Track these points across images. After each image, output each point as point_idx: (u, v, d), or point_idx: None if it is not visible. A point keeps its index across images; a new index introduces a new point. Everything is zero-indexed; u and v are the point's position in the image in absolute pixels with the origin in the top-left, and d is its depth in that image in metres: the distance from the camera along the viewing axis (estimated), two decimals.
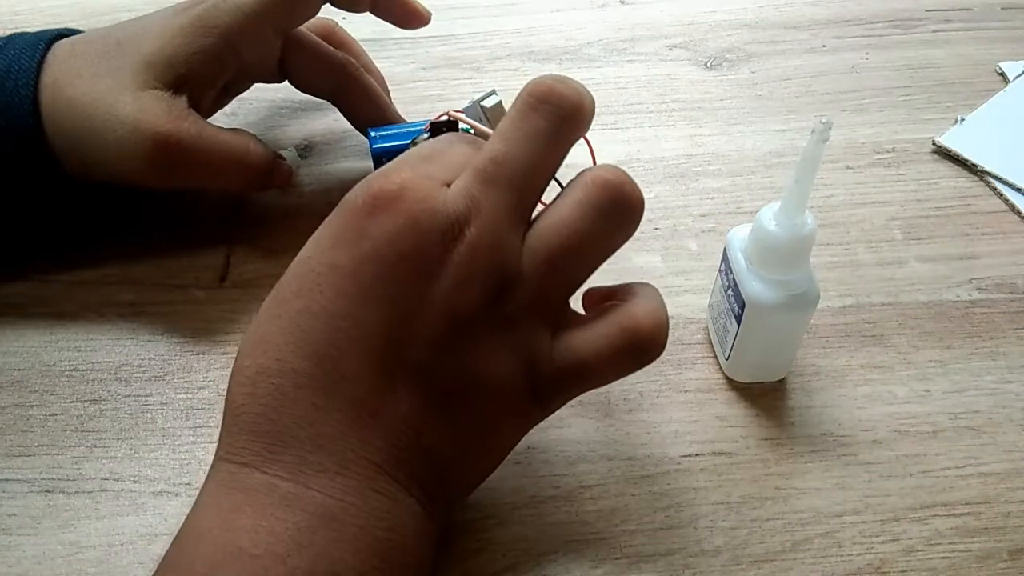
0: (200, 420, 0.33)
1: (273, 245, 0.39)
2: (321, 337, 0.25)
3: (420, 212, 0.25)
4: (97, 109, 0.34)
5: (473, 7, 0.55)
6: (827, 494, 0.31)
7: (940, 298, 0.37)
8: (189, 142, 0.35)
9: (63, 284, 0.38)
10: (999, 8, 0.53)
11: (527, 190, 0.26)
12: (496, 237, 0.25)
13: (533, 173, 0.26)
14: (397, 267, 0.25)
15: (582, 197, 0.26)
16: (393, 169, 0.26)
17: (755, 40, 0.51)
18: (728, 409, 0.33)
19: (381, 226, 0.25)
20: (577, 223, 0.26)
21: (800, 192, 0.28)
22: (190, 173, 0.36)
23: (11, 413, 0.33)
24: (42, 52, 0.35)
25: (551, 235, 0.26)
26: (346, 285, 0.25)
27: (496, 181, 0.26)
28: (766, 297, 0.30)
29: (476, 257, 0.25)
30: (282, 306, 0.25)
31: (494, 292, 0.25)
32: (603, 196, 0.26)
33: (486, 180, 0.26)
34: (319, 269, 0.25)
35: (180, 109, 0.35)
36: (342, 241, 0.25)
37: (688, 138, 0.45)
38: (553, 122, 0.26)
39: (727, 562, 0.29)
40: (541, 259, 0.26)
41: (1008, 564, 0.29)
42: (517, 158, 0.26)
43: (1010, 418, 0.33)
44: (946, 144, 0.43)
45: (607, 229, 0.27)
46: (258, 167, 0.37)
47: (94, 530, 0.30)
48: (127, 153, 0.34)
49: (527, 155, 0.26)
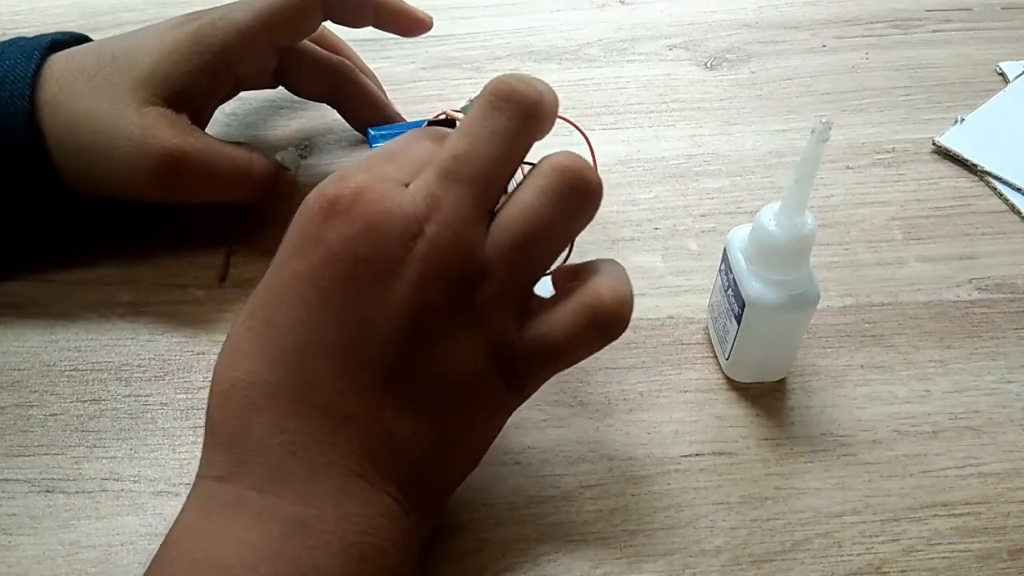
0: (200, 420, 0.33)
1: (273, 245, 0.39)
2: (288, 345, 0.25)
3: (376, 214, 0.25)
4: (102, 126, 0.34)
5: (473, 7, 0.54)
6: (827, 494, 0.31)
7: (940, 298, 0.37)
8: (195, 156, 0.35)
9: (63, 284, 0.38)
10: (999, 8, 0.53)
11: (490, 186, 0.26)
12: (457, 233, 0.25)
13: (495, 169, 0.26)
14: (355, 270, 0.25)
15: (543, 184, 0.26)
16: (349, 172, 0.26)
17: (755, 40, 0.51)
18: (728, 409, 0.33)
19: (337, 231, 0.25)
20: (540, 209, 0.26)
21: (800, 192, 0.28)
22: (196, 187, 0.36)
23: (11, 413, 0.33)
24: (37, 63, 0.35)
25: (514, 223, 0.26)
26: (307, 292, 0.25)
27: (458, 177, 0.25)
28: (766, 297, 0.30)
29: (437, 255, 0.25)
30: (252, 318, 0.26)
31: (458, 288, 0.25)
32: (563, 181, 0.26)
33: (448, 177, 0.25)
34: (283, 278, 0.26)
35: (184, 125, 0.35)
36: (300, 249, 0.26)
37: (688, 138, 0.45)
38: (515, 120, 0.26)
39: (727, 562, 0.29)
40: (506, 248, 0.26)
41: (1008, 564, 0.29)
42: (480, 154, 0.26)
43: (1010, 418, 0.33)
44: (946, 144, 0.43)
45: (568, 213, 0.27)
46: (261, 180, 0.38)
47: (94, 530, 0.30)
48: (134, 169, 0.34)
49: (490, 151, 0.26)
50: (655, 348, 0.35)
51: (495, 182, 0.26)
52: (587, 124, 0.46)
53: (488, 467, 0.31)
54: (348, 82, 0.41)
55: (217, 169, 0.36)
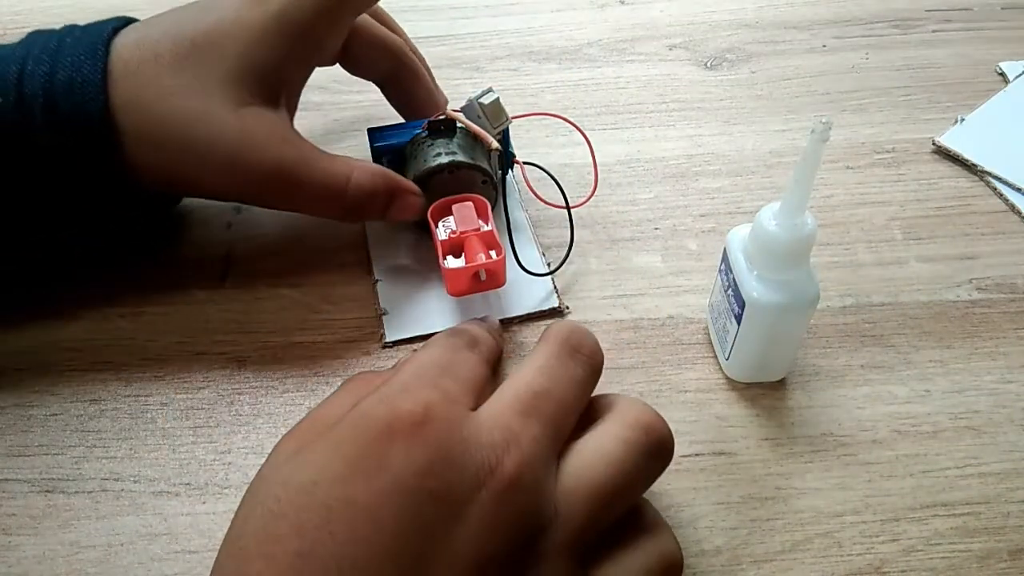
0: (200, 420, 0.33)
1: (273, 245, 0.39)
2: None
3: (451, 443, 0.22)
4: (196, 130, 0.32)
5: (473, 7, 0.55)
6: (827, 494, 0.31)
7: (940, 298, 0.37)
8: (290, 169, 0.33)
9: (63, 284, 0.38)
10: (999, 8, 0.53)
11: (563, 429, 0.25)
12: (534, 475, 0.23)
13: (569, 414, 0.25)
14: (423, 507, 0.21)
15: (628, 437, 0.25)
16: (413, 385, 0.24)
17: (755, 40, 0.51)
18: (728, 409, 0.33)
19: (408, 457, 0.22)
20: (622, 463, 0.24)
21: (800, 192, 0.28)
22: (285, 200, 0.34)
23: (11, 413, 0.33)
24: (103, 59, 0.32)
25: (595, 472, 0.24)
26: (361, 526, 0.21)
27: (537, 415, 0.24)
28: (766, 297, 0.30)
29: (511, 497, 0.22)
30: (276, 544, 0.21)
31: (528, 533, 0.23)
32: (648, 441, 0.25)
33: (527, 413, 0.24)
34: (331, 503, 0.21)
35: (283, 129, 0.33)
36: (360, 472, 0.22)
37: (688, 138, 0.45)
38: (587, 371, 0.27)
39: (727, 562, 0.29)
40: (581, 498, 0.24)
41: (1008, 564, 0.29)
42: (559, 396, 0.25)
43: (1010, 418, 0.33)
44: (946, 144, 0.43)
45: (647, 473, 0.26)
46: (356, 200, 0.34)
47: (94, 530, 0.30)
48: (226, 176, 0.33)
49: (567, 395, 0.25)
50: (655, 348, 0.35)
51: (567, 426, 0.25)
52: (587, 124, 0.46)
53: None
54: (404, 65, 0.39)
55: (309, 185, 0.33)
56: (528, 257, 0.38)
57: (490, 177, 0.37)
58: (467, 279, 0.34)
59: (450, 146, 0.36)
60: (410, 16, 0.54)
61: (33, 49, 0.32)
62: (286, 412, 0.33)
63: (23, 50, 0.32)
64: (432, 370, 0.26)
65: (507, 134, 0.39)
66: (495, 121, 0.37)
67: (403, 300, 0.37)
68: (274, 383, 0.34)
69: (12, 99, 0.31)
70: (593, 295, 0.37)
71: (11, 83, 0.31)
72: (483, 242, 0.35)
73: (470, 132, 0.37)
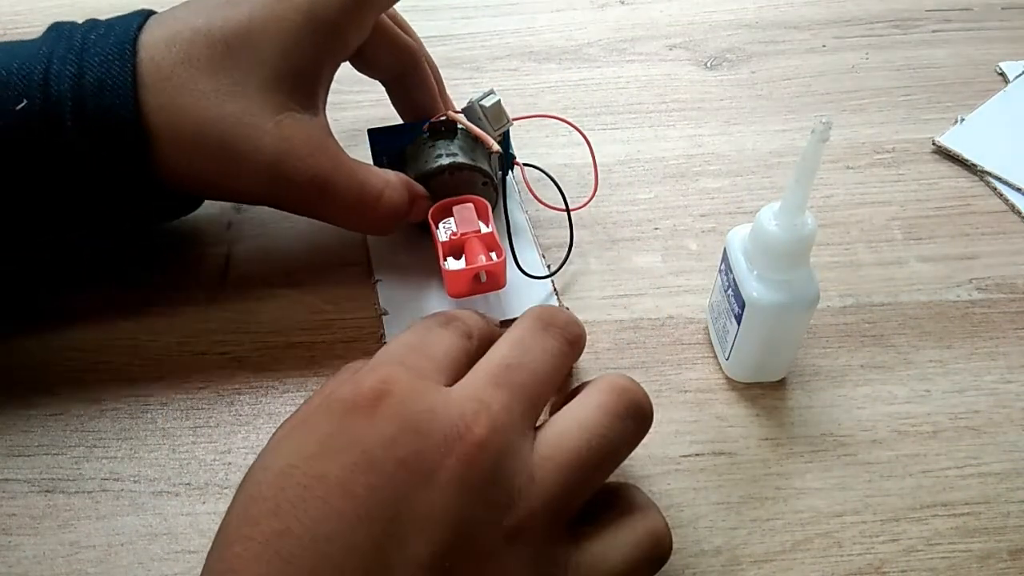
0: (200, 420, 0.33)
1: (273, 245, 0.39)
2: (303, 567, 0.21)
3: (416, 413, 0.23)
4: (234, 137, 0.31)
5: (473, 7, 0.55)
6: (827, 494, 0.31)
7: (940, 298, 0.37)
8: (325, 179, 0.33)
9: (63, 284, 0.38)
10: (999, 8, 0.53)
11: (537, 399, 0.25)
12: (504, 439, 0.23)
13: (543, 385, 0.26)
14: (394, 476, 0.22)
15: (603, 402, 0.25)
16: (382, 363, 0.25)
17: (755, 40, 0.51)
18: (728, 409, 0.33)
19: (374, 429, 0.22)
20: (599, 427, 0.25)
21: (800, 192, 0.28)
22: (318, 209, 0.34)
23: (11, 413, 0.33)
24: (131, 60, 0.31)
25: (572, 439, 0.24)
26: (336, 500, 0.21)
27: (509, 385, 0.24)
28: (766, 297, 0.30)
29: (480, 460, 0.22)
30: (254, 526, 0.21)
31: (502, 501, 0.23)
32: (622, 403, 0.25)
33: (497, 383, 0.24)
34: (304, 481, 0.22)
35: (320, 137, 0.33)
36: (330, 448, 0.22)
37: (688, 138, 0.45)
38: (562, 343, 0.27)
39: (727, 562, 0.29)
40: (561, 462, 0.24)
41: (1008, 564, 0.29)
42: (531, 367, 0.25)
43: (1010, 418, 0.33)
44: (946, 144, 0.43)
45: (625, 436, 0.26)
46: (387, 214, 0.34)
47: (94, 530, 0.30)
48: (263, 184, 0.32)
49: (541, 366, 0.26)
50: (655, 348, 0.35)
51: (542, 397, 0.26)
52: (587, 124, 0.46)
53: None
54: (414, 69, 0.38)
55: (344, 197, 0.33)
56: (528, 259, 0.38)
57: (491, 179, 0.37)
58: (467, 281, 0.34)
59: (451, 147, 0.36)
60: (410, 16, 0.54)
61: (58, 48, 0.31)
62: (286, 412, 0.33)
63: (47, 48, 0.31)
64: (400, 349, 0.26)
65: (508, 136, 0.39)
66: (496, 123, 0.37)
67: (403, 300, 0.37)
68: (274, 383, 0.34)
69: (39, 100, 0.30)
70: (593, 295, 0.37)
71: (36, 84, 0.30)
72: (483, 244, 0.35)
73: (471, 134, 0.37)
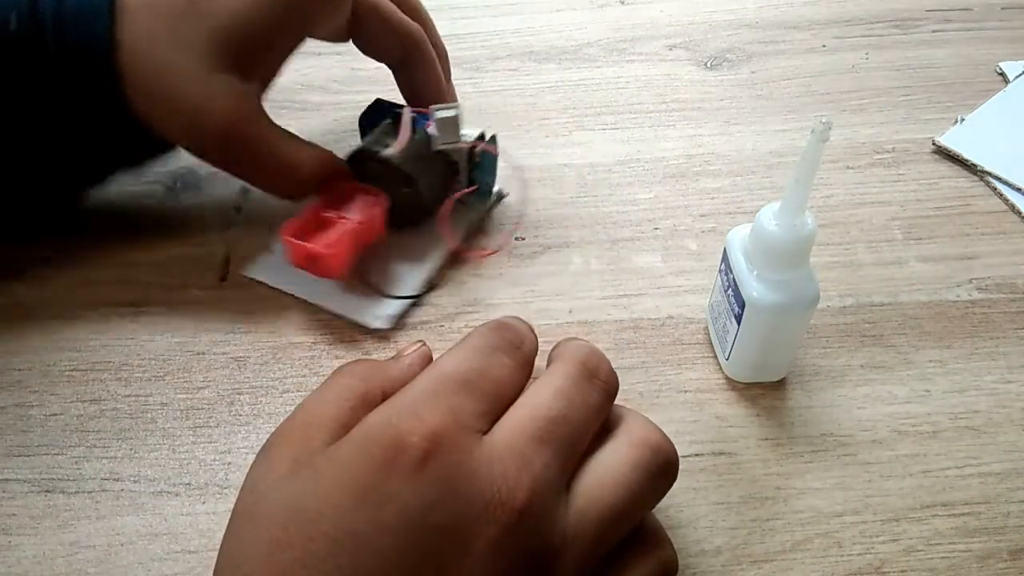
0: (200, 420, 0.33)
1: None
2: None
3: (458, 476, 0.22)
4: (173, 84, 0.33)
5: (473, 7, 0.55)
6: (827, 494, 0.31)
7: (940, 298, 0.37)
8: (243, 141, 0.34)
9: (63, 284, 0.38)
10: (999, 8, 0.53)
11: (575, 455, 0.24)
12: (544, 503, 0.22)
13: (582, 438, 0.25)
14: (428, 540, 0.21)
15: (635, 458, 0.25)
16: (424, 406, 0.23)
17: (755, 40, 0.51)
18: (728, 409, 0.33)
19: (414, 490, 0.21)
20: (632, 484, 0.24)
21: (800, 192, 0.28)
22: (242, 170, 0.36)
23: (11, 413, 0.33)
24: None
25: (605, 495, 0.24)
26: (366, 559, 0.20)
27: (552, 441, 0.23)
28: (766, 297, 0.30)
29: (522, 527, 0.22)
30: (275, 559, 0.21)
31: (539, 561, 0.22)
32: (656, 461, 0.25)
33: (540, 439, 0.23)
34: (337, 536, 0.21)
35: (247, 103, 0.34)
36: (364, 504, 0.21)
37: (688, 138, 0.45)
38: (602, 396, 0.26)
39: (727, 562, 0.29)
40: (593, 520, 0.23)
41: (1008, 564, 0.29)
42: (574, 421, 0.24)
43: (1010, 418, 0.33)
44: (946, 144, 0.43)
45: (656, 491, 0.26)
46: (308, 182, 0.36)
47: (94, 530, 0.30)
48: (189, 133, 0.34)
49: (582, 420, 0.25)
50: (655, 348, 0.35)
51: (579, 449, 0.25)
52: (587, 124, 0.46)
53: None
54: (416, 55, 0.39)
55: (265, 160, 0.35)
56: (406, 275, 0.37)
57: (414, 187, 0.37)
58: (296, 255, 0.35)
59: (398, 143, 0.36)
60: None
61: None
62: (286, 412, 0.33)
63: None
64: (450, 384, 0.24)
65: (490, 163, 0.39)
66: (444, 136, 0.36)
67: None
68: (274, 383, 0.34)
69: (25, 20, 0.32)
70: (593, 295, 0.37)
71: (24, 5, 0.32)
72: (340, 231, 0.35)
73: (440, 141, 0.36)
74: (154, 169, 0.44)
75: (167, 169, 0.43)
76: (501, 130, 0.45)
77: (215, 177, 0.43)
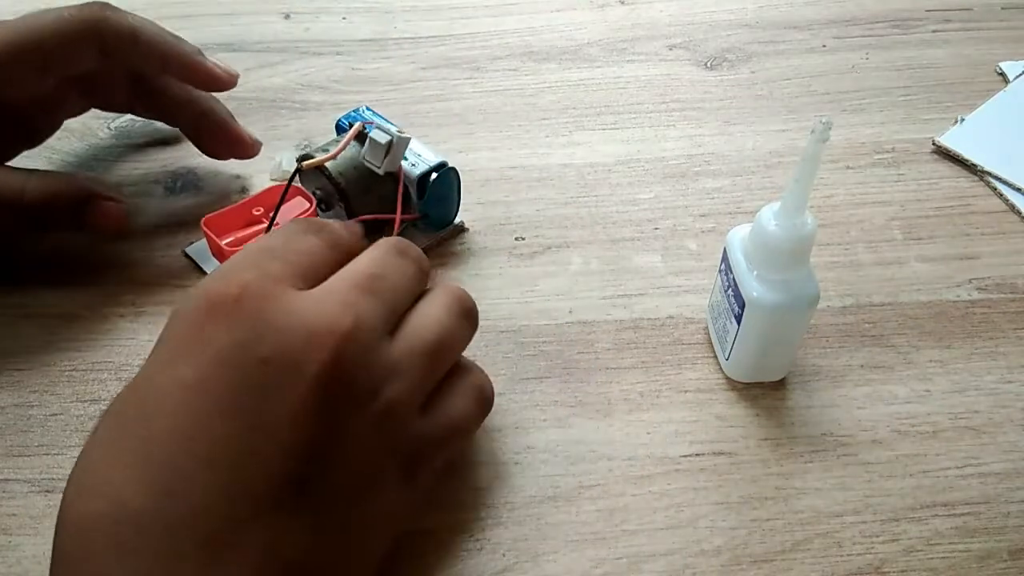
0: None
1: None
2: (165, 465, 0.22)
3: (272, 313, 0.24)
4: None
5: (473, 7, 0.55)
6: (827, 494, 0.31)
7: (940, 298, 0.37)
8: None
9: (63, 284, 0.38)
10: (999, 8, 0.53)
11: (396, 311, 0.27)
12: (370, 339, 0.25)
13: (402, 299, 0.28)
14: (252, 372, 0.23)
15: (447, 302, 0.29)
16: (235, 268, 0.25)
17: (755, 40, 0.51)
18: (728, 409, 0.33)
19: (228, 331, 0.23)
20: (447, 321, 0.28)
21: (800, 192, 0.28)
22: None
23: (11, 413, 0.33)
24: None
25: (426, 331, 0.27)
26: (194, 401, 0.22)
27: (374, 293, 0.26)
28: (766, 297, 0.30)
29: (351, 354, 0.24)
30: (119, 433, 0.23)
31: (369, 389, 0.25)
32: (461, 305, 0.29)
33: (365, 290, 0.26)
34: (162, 387, 0.23)
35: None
36: (184, 354, 0.23)
37: (688, 138, 0.45)
38: (415, 269, 0.29)
39: (727, 562, 0.29)
40: (418, 351, 0.27)
41: (1008, 564, 0.29)
42: (393, 282, 0.27)
43: (1010, 418, 0.33)
44: (946, 144, 0.43)
45: (464, 329, 0.29)
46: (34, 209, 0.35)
47: None
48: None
49: (400, 282, 0.28)
50: (655, 348, 0.35)
51: (400, 308, 0.28)
52: (587, 124, 0.46)
53: (488, 467, 0.31)
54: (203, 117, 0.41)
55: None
56: None
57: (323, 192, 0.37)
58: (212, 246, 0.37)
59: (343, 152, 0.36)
60: (410, 16, 0.54)
61: None
62: None
63: None
64: (256, 253, 0.27)
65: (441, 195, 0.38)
66: (372, 159, 0.36)
67: None
68: None
69: None
70: (593, 295, 0.37)
71: None
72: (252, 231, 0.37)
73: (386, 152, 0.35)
74: (154, 169, 0.44)
75: (167, 169, 0.43)
76: (501, 130, 0.45)
77: (215, 177, 0.43)
